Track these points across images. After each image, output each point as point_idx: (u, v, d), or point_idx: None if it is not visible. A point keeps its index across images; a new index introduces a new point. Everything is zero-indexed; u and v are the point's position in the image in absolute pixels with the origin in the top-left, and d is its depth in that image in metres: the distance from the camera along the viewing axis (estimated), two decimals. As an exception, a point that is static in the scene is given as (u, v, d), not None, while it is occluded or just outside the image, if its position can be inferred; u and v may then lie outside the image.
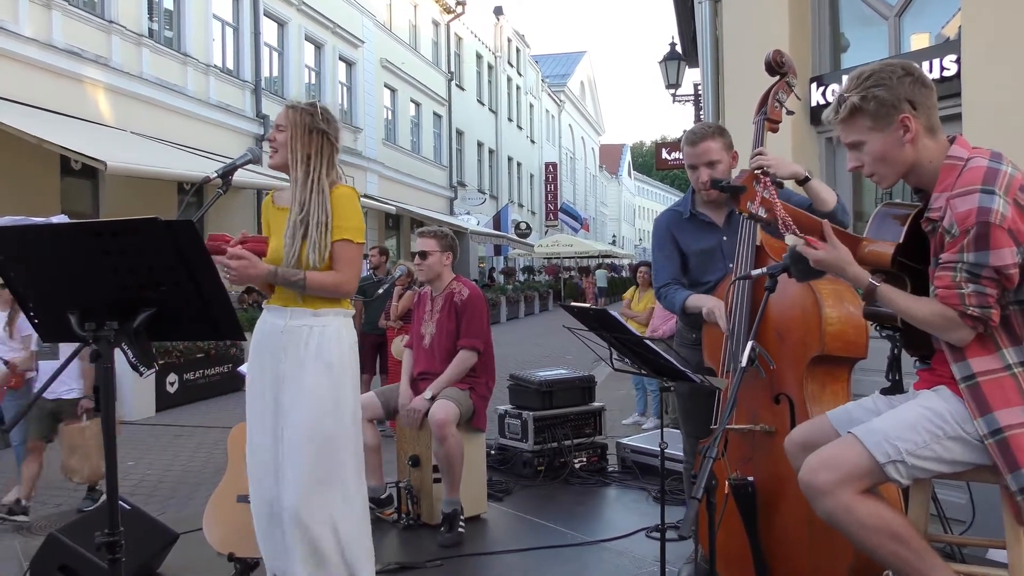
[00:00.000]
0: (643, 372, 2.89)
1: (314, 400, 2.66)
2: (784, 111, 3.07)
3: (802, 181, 2.91)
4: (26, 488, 4.99)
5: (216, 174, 2.68)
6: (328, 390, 2.68)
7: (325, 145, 2.77)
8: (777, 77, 3.04)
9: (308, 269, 2.67)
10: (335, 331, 2.72)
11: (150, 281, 1.78)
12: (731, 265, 3.13)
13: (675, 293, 3.21)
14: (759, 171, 2.58)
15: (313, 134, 2.75)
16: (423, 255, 4.28)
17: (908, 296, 2.10)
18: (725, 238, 3.19)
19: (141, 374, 1.97)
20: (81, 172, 11.13)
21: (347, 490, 2.71)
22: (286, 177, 2.81)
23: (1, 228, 1.90)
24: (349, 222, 2.72)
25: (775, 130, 3.07)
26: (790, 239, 2.21)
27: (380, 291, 7.64)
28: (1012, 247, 1.93)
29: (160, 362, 8.98)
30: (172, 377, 9.30)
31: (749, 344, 2.29)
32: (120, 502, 1.88)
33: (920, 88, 2.09)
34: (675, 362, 2.63)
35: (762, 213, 2.20)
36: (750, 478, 2.74)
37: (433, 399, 4.05)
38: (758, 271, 2.45)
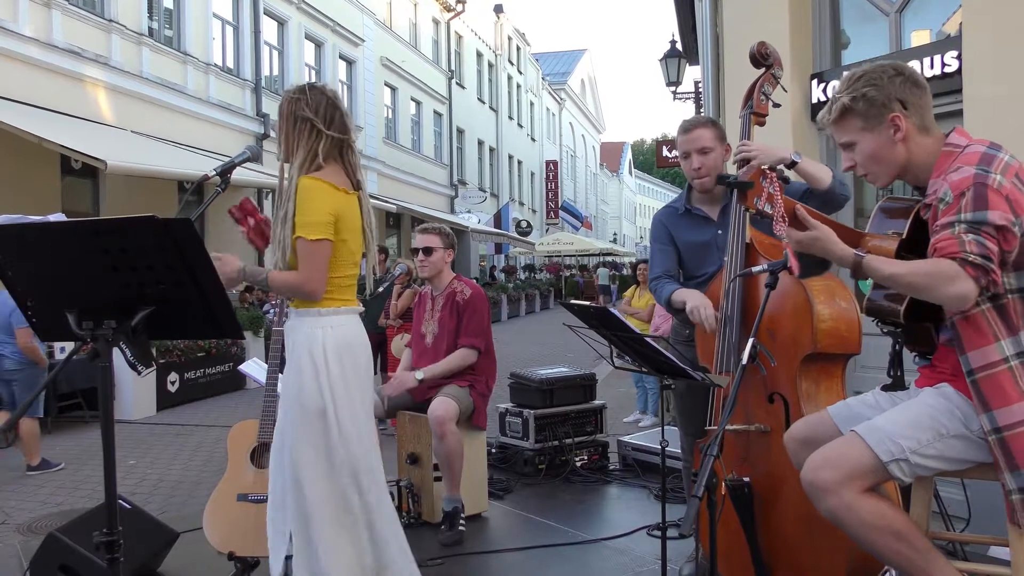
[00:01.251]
0: (644, 370, 2.88)
1: (284, 404, 2.59)
2: (770, 104, 3.05)
3: (791, 165, 2.89)
4: None
5: (215, 172, 2.64)
6: (295, 393, 2.54)
7: (309, 133, 2.60)
8: (762, 69, 3.01)
9: (282, 267, 2.57)
10: (304, 335, 2.56)
11: (150, 279, 1.77)
12: (726, 259, 3.12)
13: (663, 286, 3.21)
14: (766, 167, 2.56)
15: (297, 122, 2.62)
16: (427, 251, 4.27)
17: (895, 262, 2.03)
18: (719, 232, 3.19)
19: (139, 373, 1.97)
20: (81, 171, 11.13)
21: (316, 501, 2.51)
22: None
23: (0, 227, 1.89)
24: (304, 217, 2.51)
25: (762, 123, 3.05)
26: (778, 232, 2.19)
27: (380, 289, 7.63)
28: (1008, 212, 1.90)
29: (161, 361, 8.98)
30: (173, 376, 9.30)
31: (750, 341, 2.27)
32: (120, 501, 1.88)
33: (912, 88, 2.08)
34: (675, 359, 2.61)
35: (768, 209, 2.18)
36: (746, 479, 2.72)
37: (429, 390, 4.04)
38: (759, 268, 2.41)
